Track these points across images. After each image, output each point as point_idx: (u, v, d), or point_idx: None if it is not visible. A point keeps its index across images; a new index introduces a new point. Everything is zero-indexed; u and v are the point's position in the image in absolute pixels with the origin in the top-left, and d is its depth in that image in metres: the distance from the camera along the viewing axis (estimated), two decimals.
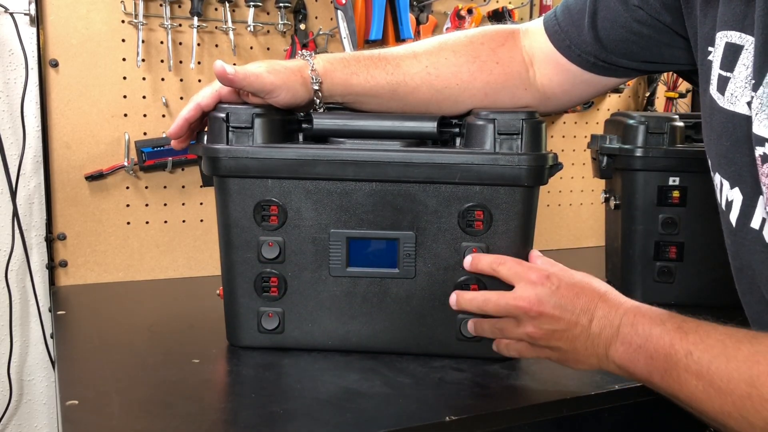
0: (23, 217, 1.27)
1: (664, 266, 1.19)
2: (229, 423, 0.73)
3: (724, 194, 0.68)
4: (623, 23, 0.82)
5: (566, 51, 0.89)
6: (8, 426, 1.33)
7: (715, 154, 0.68)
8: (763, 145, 0.59)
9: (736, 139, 0.64)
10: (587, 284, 0.76)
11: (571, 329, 0.74)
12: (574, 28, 0.87)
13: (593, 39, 0.85)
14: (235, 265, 0.90)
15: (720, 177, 0.68)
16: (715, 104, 0.67)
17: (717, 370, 0.61)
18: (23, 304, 1.31)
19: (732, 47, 0.65)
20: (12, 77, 1.25)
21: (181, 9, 1.29)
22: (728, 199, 0.67)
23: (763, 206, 0.62)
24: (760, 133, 0.59)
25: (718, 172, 0.68)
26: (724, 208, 0.68)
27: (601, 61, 0.87)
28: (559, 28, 0.89)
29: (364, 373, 0.85)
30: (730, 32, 0.65)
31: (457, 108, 0.91)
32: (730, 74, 0.65)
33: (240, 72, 0.82)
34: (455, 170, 0.84)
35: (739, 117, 0.64)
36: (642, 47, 0.83)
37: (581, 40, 0.86)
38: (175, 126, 0.87)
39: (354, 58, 0.90)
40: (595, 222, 1.73)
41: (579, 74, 0.89)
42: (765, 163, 0.59)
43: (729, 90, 0.65)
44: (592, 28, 0.85)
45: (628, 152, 1.19)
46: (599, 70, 0.88)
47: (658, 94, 1.78)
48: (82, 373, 0.86)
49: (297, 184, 0.87)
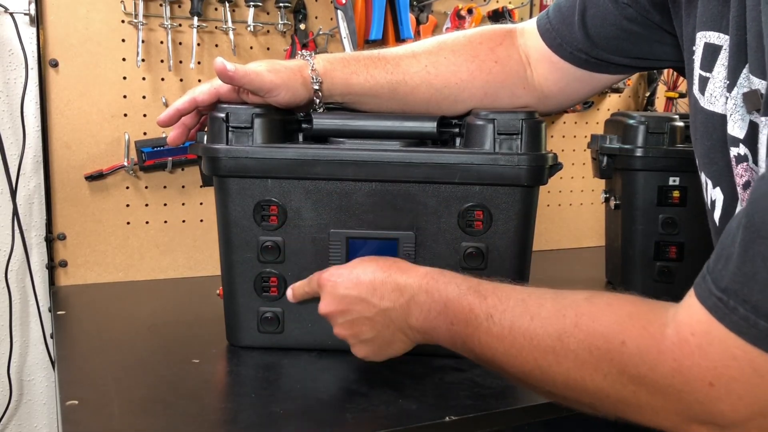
0: (23, 217, 1.27)
1: (664, 266, 1.19)
2: (229, 423, 0.73)
3: (708, 193, 0.67)
4: (613, 20, 0.82)
5: (558, 49, 0.89)
6: (8, 426, 1.33)
7: (699, 154, 0.68)
8: (738, 146, 0.59)
9: (716, 139, 0.64)
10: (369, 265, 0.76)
11: (364, 313, 0.74)
12: (565, 26, 0.87)
13: (583, 36, 0.85)
14: (235, 265, 0.90)
15: (704, 176, 0.67)
16: (697, 104, 0.67)
17: (519, 329, 0.61)
18: (23, 304, 1.31)
19: (710, 47, 0.64)
20: (12, 77, 1.25)
21: (181, 9, 1.29)
22: (712, 198, 0.67)
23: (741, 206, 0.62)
24: (734, 134, 0.59)
25: (703, 171, 0.68)
26: (709, 206, 0.68)
27: (593, 57, 0.87)
28: (551, 27, 0.89)
29: (364, 373, 0.85)
30: (709, 32, 0.65)
31: (456, 107, 0.92)
32: (709, 74, 0.65)
33: (240, 69, 0.83)
34: (455, 170, 0.84)
35: (718, 117, 0.63)
36: (632, 43, 0.83)
37: (572, 37, 0.87)
38: (165, 114, 0.88)
39: (354, 58, 0.90)
40: (595, 222, 1.72)
41: (572, 72, 0.90)
42: (739, 164, 0.59)
43: (708, 90, 0.65)
44: (582, 26, 0.85)
45: (628, 152, 1.19)
46: (591, 66, 0.88)
47: (658, 94, 1.78)
48: (82, 373, 0.86)
49: (297, 184, 0.87)
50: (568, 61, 0.89)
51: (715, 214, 0.67)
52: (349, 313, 0.75)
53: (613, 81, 0.92)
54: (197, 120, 0.91)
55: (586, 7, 0.84)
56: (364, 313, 0.74)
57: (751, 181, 0.57)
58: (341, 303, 0.75)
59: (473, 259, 0.87)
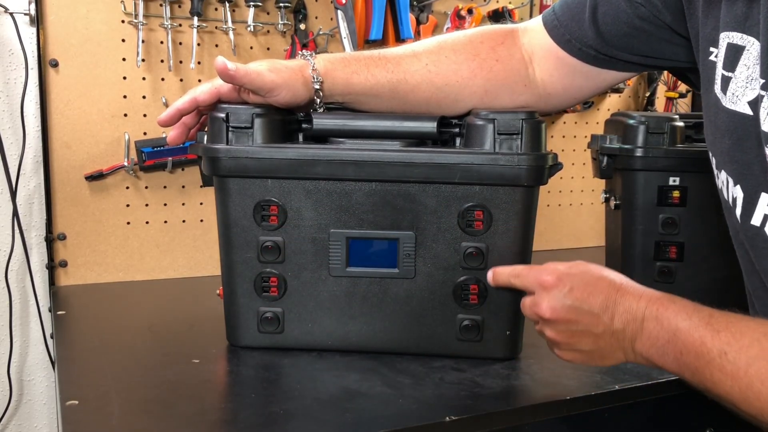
0: (23, 217, 1.27)
1: (664, 266, 1.19)
2: (229, 423, 0.73)
3: (729, 191, 0.68)
4: (625, 19, 0.83)
5: (566, 45, 0.89)
6: (8, 426, 1.33)
7: (719, 152, 0.69)
8: None
9: (738, 137, 0.65)
10: (601, 279, 0.74)
11: (591, 329, 0.73)
12: (574, 22, 0.87)
13: (595, 33, 0.86)
14: (235, 265, 0.90)
15: (726, 174, 0.68)
16: (719, 103, 0.68)
17: (757, 373, 0.59)
18: (23, 304, 1.31)
19: (733, 48, 0.66)
20: (12, 77, 1.25)
21: (181, 9, 1.29)
22: (733, 195, 0.68)
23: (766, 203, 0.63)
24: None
25: (723, 170, 0.69)
26: (730, 204, 0.69)
27: (602, 54, 0.87)
28: (558, 23, 0.89)
29: (364, 373, 0.85)
30: (732, 33, 0.66)
31: (457, 106, 0.92)
32: (731, 74, 0.66)
33: (241, 69, 0.83)
34: (455, 170, 0.84)
35: (740, 116, 0.65)
36: (642, 41, 0.84)
37: (582, 33, 0.87)
38: (166, 114, 0.88)
39: (354, 58, 0.90)
40: (595, 222, 1.72)
41: (579, 67, 0.90)
42: None
43: (730, 90, 0.66)
44: (593, 23, 0.85)
45: (628, 152, 1.19)
46: (600, 62, 0.89)
47: (658, 94, 1.78)
48: (82, 373, 0.86)
49: (297, 184, 0.87)
50: (576, 57, 0.89)
51: (737, 212, 0.67)
52: (575, 323, 0.74)
53: (615, 80, 0.92)
54: (197, 120, 0.91)
55: (598, 4, 0.85)
56: (591, 328, 0.73)
57: None
58: (570, 312, 0.74)
59: (473, 259, 0.87)
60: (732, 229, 0.71)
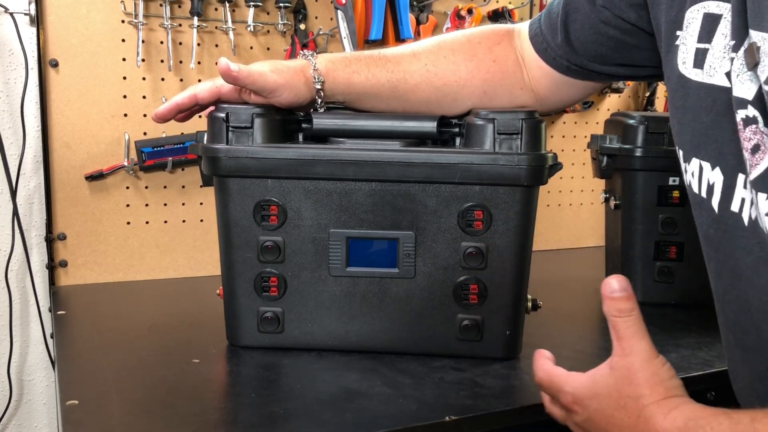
0: (23, 217, 1.27)
1: (664, 266, 1.19)
2: (229, 423, 0.73)
3: (704, 179, 0.65)
4: (591, 25, 0.82)
5: (544, 54, 0.89)
6: (8, 426, 1.33)
7: (692, 137, 0.66)
8: (746, 107, 0.57)
9: (716, 112, 0.62)
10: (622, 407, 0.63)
11: None
12: (551, 31, 0.87)
13: (565, 42, 0.85)
14: (235, 264, 0.90)
15: (699, 161, 0.66)
16: (690, 83, 0.65)
17: None
18: (23, 304, 1.31)
19: (710, 17, 0.63)
20: (12, 77, 1.25)
21: (181, 9, 1.29)
22: (710, 182, 0.64)
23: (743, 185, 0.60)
24: (742, 95, 0.57)
25: (695, 156, 0.66)
26: (705, 195, 0.65)
27: (574, 65, 0.87)
28: (540, 31, 0.89)
29: (364, 373, 0.85)
30: (708, 2, 0.63)
31: (456, 106, 0.92)
32: (708, 45, 0.63)
33: (244, 70, 0.83)
34: (455, 170, 0.84)
35: (718, 89, 0.62)
36: (611, 49, 0.83)
37: (555, 43, 0.87)
38: (165, 107, 0.88)
39: (355, 58, 0.90)
40: (595, 222, 1.72)
41: (557, 77, 0.89)
42: (747, 127, 0.57)
43: (708, 62, 0.63)
44: (564, 31, 0.85)
45: (628, 152, 1.19)
46: (573, 74, 0.88)
47: (658, 94, 1.78)
48: (82, 373, 0.86)
49: (297, 184, 0.87)
50: (552, 67, 0.89)
51: (713, 201, 0.64)
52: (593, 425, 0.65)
53: (601, 86, 0.91)
54: (191, 114, 0.91)
55: (568, 13, 0.84)
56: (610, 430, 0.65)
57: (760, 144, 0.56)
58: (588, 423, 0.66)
59: (473, 259, 0.87)
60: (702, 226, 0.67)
